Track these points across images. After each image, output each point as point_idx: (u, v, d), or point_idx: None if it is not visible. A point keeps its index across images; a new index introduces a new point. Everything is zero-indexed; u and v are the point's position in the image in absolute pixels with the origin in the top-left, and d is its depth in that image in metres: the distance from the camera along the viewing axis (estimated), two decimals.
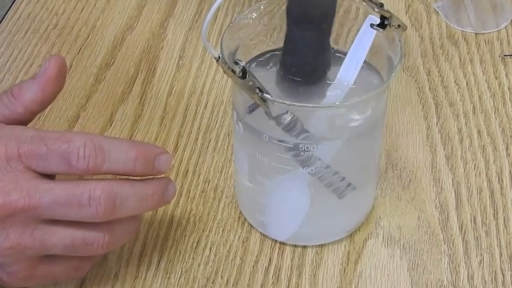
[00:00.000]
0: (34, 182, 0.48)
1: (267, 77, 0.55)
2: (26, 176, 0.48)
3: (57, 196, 0.48)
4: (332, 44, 0.56)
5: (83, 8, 0.81)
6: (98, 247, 0.50)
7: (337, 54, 0.56)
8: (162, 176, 0.53)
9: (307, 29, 0.53)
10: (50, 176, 0.50)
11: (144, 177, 0.52)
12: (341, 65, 0.54)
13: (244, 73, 0.50)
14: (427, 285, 0.56)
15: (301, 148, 0.52)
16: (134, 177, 0.51)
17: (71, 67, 0.73)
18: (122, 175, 0.51)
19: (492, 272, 0.57)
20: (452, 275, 0.57)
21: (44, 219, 0.49)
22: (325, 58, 0.55)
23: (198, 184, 0.63)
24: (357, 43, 0.54)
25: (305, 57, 0.54)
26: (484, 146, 0.66)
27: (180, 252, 0.58)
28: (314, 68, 0.54)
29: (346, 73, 0.54)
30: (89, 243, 0.50)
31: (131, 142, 0.53)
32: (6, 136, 0.49)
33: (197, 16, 0.80)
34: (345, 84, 0.53)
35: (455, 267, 0.57)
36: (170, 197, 0.53)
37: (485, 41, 0.76)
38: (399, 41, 0.53)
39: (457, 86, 0.71)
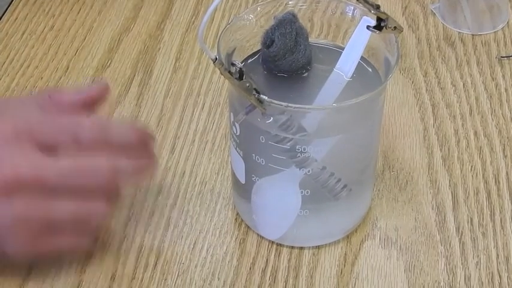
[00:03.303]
0: (41, 155, 0.50)
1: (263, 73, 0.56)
2: (33, 150, 0.50)
3: (64, 167, 0.51)
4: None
5: (80, 10, 0.80)
6: (99, 216, 0.53)
7: (336, 49, 0.56)
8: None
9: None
10: (54, 152, 0.52)
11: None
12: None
13: (241, 74, 0.50)
14: (423, 287, 0.56)
15: (298, 149, 0.52)
16: None
17: (67, 69, 0.73)
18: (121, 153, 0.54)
19: (489, 273, 0.57)
20: (449, 276, 0.57)
21: (50, 191, 0.51)
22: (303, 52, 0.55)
23: (195, 186, 0.63)
24: (352, 43, 0.54)
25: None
26: (480, 147, 0.66)
27: (176, 253, 0.58)
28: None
29: (343, 69, 0.54)
30: (92, 213, 0.53)
31: (128, 124, 0.58)
32: (15, 112, 0.52)
33: (194, 18, 0.80)
34: (342, 80, 0.54)
35: (452, 269, 0.57)
36: (156, 171, 0.59)
37: (482, 42, 0.76)
38: (396, 42, 0.54)
39: (453, 88, 0.71)
